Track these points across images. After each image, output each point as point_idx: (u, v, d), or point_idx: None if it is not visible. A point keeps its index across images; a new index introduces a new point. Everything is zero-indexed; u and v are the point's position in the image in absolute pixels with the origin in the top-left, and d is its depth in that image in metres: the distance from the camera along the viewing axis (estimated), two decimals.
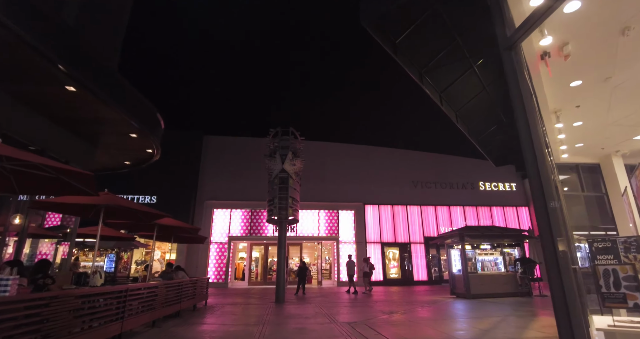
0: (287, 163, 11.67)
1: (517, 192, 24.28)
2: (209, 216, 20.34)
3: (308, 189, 21.10)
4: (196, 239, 11.32)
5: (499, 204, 23.59)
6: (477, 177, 24.04)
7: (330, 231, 21.07)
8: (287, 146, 12.30)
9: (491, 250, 12.75)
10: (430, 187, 23.19)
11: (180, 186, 20.32)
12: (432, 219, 22.43)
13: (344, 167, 22.60)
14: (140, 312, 6.01)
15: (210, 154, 21.86)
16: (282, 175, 11.75)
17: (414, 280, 20.95)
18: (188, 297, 8.88)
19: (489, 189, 23.96)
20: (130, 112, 8.06)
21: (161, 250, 20.81)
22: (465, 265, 12.01)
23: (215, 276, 19.64)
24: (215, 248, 20.03)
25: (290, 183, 11.66)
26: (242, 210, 20.79)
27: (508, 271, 12.42)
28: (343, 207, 21.54)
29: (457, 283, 12.72)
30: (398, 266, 21.23)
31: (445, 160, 24.31)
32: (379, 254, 21.08)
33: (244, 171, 21.25)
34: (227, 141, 22.35)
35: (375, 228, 21.59)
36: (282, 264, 11.74)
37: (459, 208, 23.00)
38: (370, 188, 22.31)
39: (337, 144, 23.37)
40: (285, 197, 11.57)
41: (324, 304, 10.86)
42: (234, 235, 20.32)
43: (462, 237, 12.20)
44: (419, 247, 21.65)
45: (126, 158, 11.52)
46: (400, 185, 22.80)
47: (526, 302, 10.61)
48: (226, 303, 11.49)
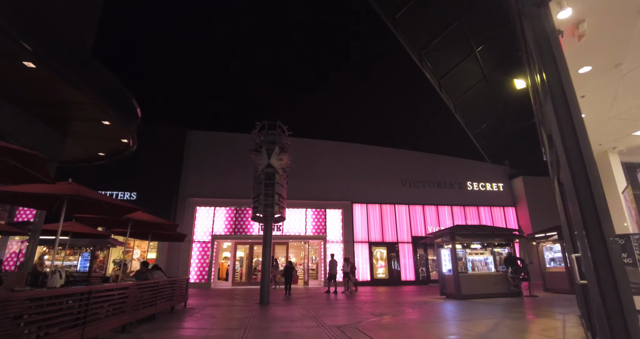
0: (273, 157, 11.11)
1: (505, 192, 24.31)
2: (192, 214, 19.57)
3: (295, 187, 20.54)
4: (175, 237, 10.65)
5: (486, 204, 23.55)
6: (465, 177, 23.96)
7: (318, 231, 20.58)
8: (274, 141, 11.74)
9: (481, 249, 12.49)
10: (419, 186, 22.97)
11: (161, 183, 19.49)
12: (420, 218, 22.21)
13: (332, 164, 22.15)
14: (107, 316, 5.38)
15: (193, 150, 21.07)
16: (268, 170, 11.19)
17: (402, 280, 20.66)
18: (165, 298, 8.25)
19: (477, 189, 23.91)
20: (102, 97, 7.37)
21: (141, 248, 19.92)
22: (456, 264, 11.69)
23: (198, 277, 18.90)
24: (198, 247, 19.28)
25: (276, 179, 11.10)
26: (227, 207, 20.10)
27: (498, 271, 12.17)
28: (331, 206, 21.09)
29: (447, 283, 12.41)
30: (385, 266, 20.91)
31: (434, 159, 24.15)
32: (366, 254, 20.72)
33: (228, 168, 20.57)
34: (212, 136, 21.61)
35: (363, 227, 21.21)
36: (267, 264, 11.18)
37: (446, 207, 22.84)
38: (359, 186, 21.93)
39: (325, 141, 22.91)
40: (271, 193, 11.01)
41: (311, 306, 10.36)
42: (217, 233, 19.62)
43: (453, 236, 11.89)
44: (406, 247, 21.38)
45: (100, 149, 10.75)
46: (389, 183, 22.49)
47: (518, 303, 10.35)
48: (207, 305, 10.86)
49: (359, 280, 20.01)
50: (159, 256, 18.59)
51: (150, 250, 19.80)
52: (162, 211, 18.96)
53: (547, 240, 13.62)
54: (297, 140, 22.02)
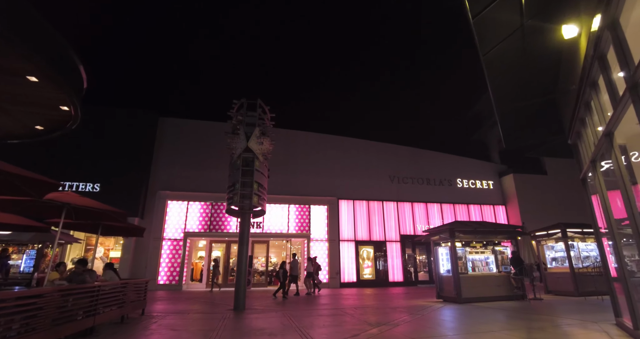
0: (252, 141, 9.61)
1: (495, 190, 23.54)
2: (163, 209, 17.76)
3: (277, 181, 19.01)
4: (132, 230, 8.98)
5: (476, 202, 22.71)
6: (455, 174, 23.06)
7: (301, 228, 19.15)
8: (253, 123, 10.23)
9: (482, 248, 11.37)
10: (407, 182, 21.88)
11: (129, 174, 17.60)
12: (409, 216, 21.10)
13: (316, 158, 20.77)
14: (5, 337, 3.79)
15: (166, 138, 19.25)
16: (246, 155, 9.67)
17: (389, 281, 19.48)
18: (113, 305, 6.64)
19: (467, 186, 23.04)
20: (21, 38, 5.70)
21: (104, 246, 17.96)
22: (456, 264, 10.51)
23: (168, 278, 17.11)
24: (169, 246, 17.50)
25: (256, 166, 9.61)
26: (201, 202, 18.38)
27: (500, 272, 11.07)
28: (315, 202, 19.70)
29: (445, 285, 11.21)
30: (372, 266, 19.69)
31: (423, 155, 23.13)
32: (352, 253, 19.42)
33: (204, 160, 18.86)
34: (186, 124, 19.84)
35: (350, 224, 19.92)
36: (244, 263, 9.66)
37: (436, 205, 21.85)
38: (345, 181, 20.63)
39: (309, 133, 21.50)
40: (249, 182, 9.50)
41: (293, 313, 8.93)
42: (190, 230, 17.88)
43: (453, 233, 10.70)
44: (394, 246, 20.23)
45: (36, 121, 8.91)
46: (377, 179, 21.30)
47: (526, 307, 9.24)
48: (172, 311, 9.25)
49: (345, 281, 18.74)
50: (124, 254, 16.72)
51: (115, 248, 17.92)
52: (129, 206, 17.11)
53: (549, 238, 12.66)
54: (279, 130, 20.43)
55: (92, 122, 18.06)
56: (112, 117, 18.49)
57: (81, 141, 17.48)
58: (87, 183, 17.11)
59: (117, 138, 18.03)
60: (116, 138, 18.03)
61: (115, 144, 17.88)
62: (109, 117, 18.44)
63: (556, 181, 23.37)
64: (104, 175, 17.31)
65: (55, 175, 17.32)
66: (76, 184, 17.00)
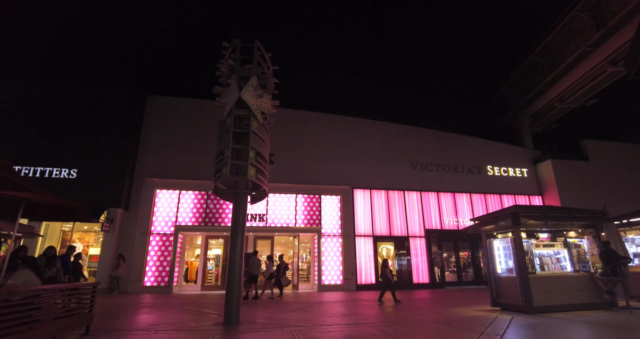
0: (248, 91, 7.00)
1: (529, 179, 20.72)
2: (150, 199, 15.28)
3: (282, 168, 16.56)
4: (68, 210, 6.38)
5: (509, 192, 19.89)
6: (485, 160, 20.28)
7: (311, 222, 16.55)
8: (248, 77, 7.64)
9: (550, 240, 8.66)
10: (432, 170, 19.15)
11: (112, 159, 15.17)
12: (435, 207, 18.38)
13: (328, 142, 18.15)
14: None
15: (155, 119, 16.77)
16: (239, 112, 7.08)
17: (413, 283, 16.78)
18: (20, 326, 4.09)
19: (498, 174, 20.24)
20: None
21: (83, 242, 15.52)
22: (523, 261, 7.81)
23: (156, 278, 14.63)
24: (158, 241, 15.01)
25: (253, 127, 7.01)
26: (195, 192, 15.87)
27: (579, 271, 8.34)
28: (327, 191, 17.08)
29: (503, 289, 8.52)
30: (393, 265, 16.99)
31: (448, 139, 20.37)
32: (370, 250, 16.77)
33: (199, 143, 16.34)
34: (179, 103, 17.34)
35: (366, 217, 17.26)
36: (238, 261, 7.08)
37: (464, 195, 19.09)
38: (361, 168, 17.98)
39: (320, 114, 18.88)
40: (244, 149, 6.92)
41: (304, 327, 6.34)
42: (183, 223, 15.38)
43: (517, 219, 8.00)
44: (419, 242, 17.53)
45: None
46: (397, 166, 18.62)
47: (632, 322, 6.53)
48: (136, 328, 6.72)
49: (362, 283, 16.11)
50: (103, 251, 14.28)
51: (96, 244, 15.47)
52: (111, 195, 14.72)
53: (630, 229, 9.89)
54: (285, 111, 17.92)
55: (70, 100, 15.73)
56: (94, 95, 16.07)
57: (56, 120, 15.11)
58: (61, 168, 14.68)
59: (99, 118, 15.62)
60: (98, 118, 15.61)
61: (96, 124, 15.46)
62: (91, 95, 16.03)
63: (600, 167, 20.51)
64: (82, 160, 14.88)
65: (23, 159, 15.03)
66: (48, 169, 14.58)
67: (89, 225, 15.19)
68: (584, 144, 21.17)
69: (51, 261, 7.43)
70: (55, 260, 7.58)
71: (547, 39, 21.11)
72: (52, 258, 7.55)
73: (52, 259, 7.52)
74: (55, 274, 7.41)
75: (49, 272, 7.20)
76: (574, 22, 19.50)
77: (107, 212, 14.37)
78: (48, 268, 7.24)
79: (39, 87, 15.85)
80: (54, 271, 7.39)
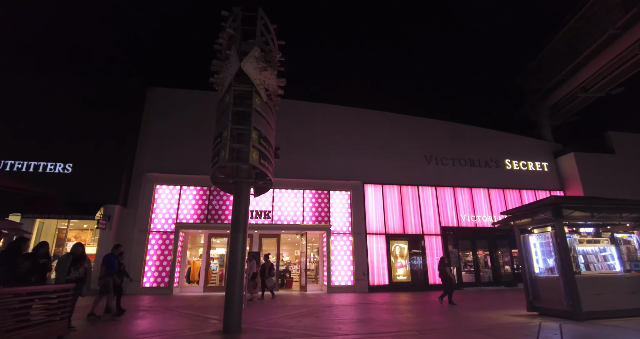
0: (249, 63, 6.05)
1: (550, 173, 19.52)
2: (150, 195, 14.45)
3: (289, 162, 15.55)
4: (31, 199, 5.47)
5: (528, 187, 18.73)
6: (503, 153, 19.13)
7: (319, 219, 15.58)
8: (247, 51, 6.68)
9: (594, 236, 7.58)
10: (447, 164, 18.07)
11: (109, 152, 14.36)
12: (451, 203, 17.30)
13: (337, 135, 17.17)
14: None
15: (155, 111, 15.95)
16: (240, 87, 6.14)
17: (429, 284, 15.73)
18: None
19: (517, 168, 19.08)
20: None
21: (80, 240, 14.70)
22: (568, 259, 6.76)
23: (156, 279, 13.79)
24: (157, 240, 14.16)
25: (255, 104, 6.06)
26: (197, 187, 15.01)
27: (630, 271, 7.26)
28: (336, 187, 16.10)
29: (542, 291, 7.48)
30: (407, 265, 15.97)
31: (464, 131, 19.26)
32: (383, 249, 15.75)
33: (201, 136, 15.40)
34: (180, 95, 16.49)
35: (378, 214, 16.25)
36: (239, 260, 6.13)
37: (482, 190, 17.98)
38: (372, 162, 16.97)
39: (328, 106, 17.92)
40: (245, 130, 5.99)
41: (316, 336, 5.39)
42: (184, 221, 14.51)
43: (559, 211, 6.94)
44: (434, 240, 16.47)
45: None
46: (410, 160, 17.57)
47: None
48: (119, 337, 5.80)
49: (374, 284, 15.10)
50: (100, 250, 13.42)
51: (92, 242, 14.66)
52: (109, 191, 13.92)
53: None
54: (292, 103, 17.00)
55: (65, 91, 14.95)
56: (91, 86, 15.28)
57: (50, 113, 14.35)
58: (56, 162, 13.90)
59: (96, 110, 14.80)
60: (95, 110, 14.79)
61: (93, 117, 14.64)
62: (87, 86, 15.24)
63: (627, 160, 19.25)
64: (77, 154, 14.08)
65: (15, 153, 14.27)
66: (42, 164, 13.80)
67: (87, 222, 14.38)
68: (609, 136, 19.91)
69: (78, 260, 6.72)
70: (84, 259, 6.88)
71: (568, 25, 19.91)
72: (80, 256, 6.83)
73: (80, 258, 6.80)
74: (83, 275, 6.69)
75: (75, 272, 6.54)
76: (598, 5, 18.29)
77: (103, 209, 13.56)
78: (74, 268, 6.56)
79: (31, 78, 15.09)
80: (81, 271, 6.66)
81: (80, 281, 6.52)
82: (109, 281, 8.14)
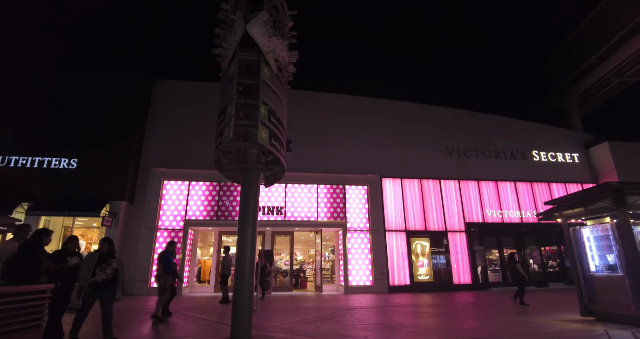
0: (257, 27, 5.20)
1: (580, 164, 18.18)
2: (157, 191, 13.79)
3: (301, 155, 14.80)
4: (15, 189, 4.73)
5: (558, 179, 17.44)
6: (530, 145, 17.89)
7: (334, 215, 14.68)
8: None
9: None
10: (470, 156, 16.93)
11: (115, 147, 13.78)
12: (475, 198, 16.17)
13: (352, 126, 16.25)
14: None
15: (162, 104, 15.32)
16: (246, 56, 5.30)
17: (454, 284, 14.66)
18: None
19: (545, 160, 17.81)
20: None
21: (86, 239, 14.20)
22: (636, 255, 5.69)
23: None
24: (166, 237, 13.48)
25: (264, 75, 5.21)
26: (206, 183, 14.30)
27: None
28: (352, 181, 15.17)
29: (600, 293, 6.42)
30: (429, 264, 14.93)
31: (487, 121, 18.10)
32: (403, 247, 14.75)
33: (209, 129, 14.59)
34: (187, 87, 15.83)
35: (397, 210, 15.25)
36: (248, 257, 5.29)
37: (508, 183, 16.78)
38: (390, 155, 15.99)
39: (342, 96, 17.01)
40: (252, 105, 5.15)
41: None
42: (193, 218, 13.81)
43: (622, 197, 5.88)
44: (458, 237, 15.38)
45: None
46: (431, 152, 16.52)
47: None
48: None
49: (394, 284, 14.13)
50: None
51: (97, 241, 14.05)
52: (115, 186, 13.32)
53: None
54: (304, 93, 16.21)
55: (70, 85, 14.44)
56: (96, 80, 14.74)
57: (54, 107, 13.86)
58: (61, 158, 13.36)
59: (101, 104, 14.25)
60: (100, 104, 14.25)
61: (98, 111, 14.10)
62: (92, 80, 14.70)
63: None
64: (82, 149, 13.54)
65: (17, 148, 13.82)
66: (47, 159, 13.28)
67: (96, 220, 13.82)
68: None
69: (105, 259, 5.45)
70: (112, 258, 5.56)
71: (598, 6, 18.49)
72: (107, 254, 5.53)
73: (107, 256, 5.51)
74: (110, 276, 5.40)
75: (101, 274, 5.31)
76: None
77: (109, 205, 12.96)
78: (100, 269, 5.32)
79: (34, 71, 14.61)
80: (108, 272, 5.38)
81: (108, 284, 5.35)
82: (168, 281, 7.50)
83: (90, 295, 5.22)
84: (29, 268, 4.74)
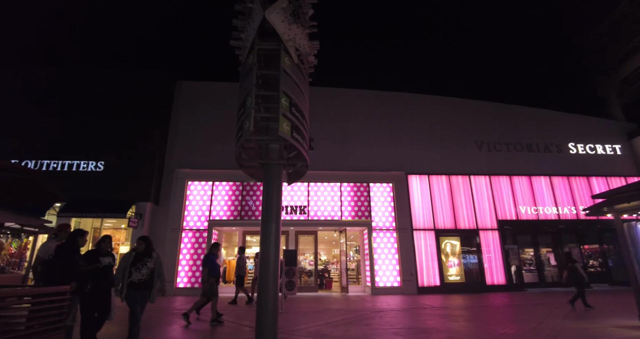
0: (275, 13, 4.92)
1: (623, 157, 16.93)
2: (182, 192, 13.85)
3: (324, 153, 14.50)
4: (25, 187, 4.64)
5: (598, 173, 16.27)
6: (565, 136, 16.82)
7: (359, 214, 14.27)
8: None
9: None
10: (501, 150, 16.09)
11: (139, 149, 13.95)
12: (507, 194, 15.32)
13: (376, 122, 15.80)
14: None
15: (184, 106, 15.42)
16: (265, 45, 5.04)
17: (487, 285, 13.93)
18: None
19: (583, 153, 16.68)
20: None
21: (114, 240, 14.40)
22: None
23: (189, 279, 13.16)
24: (190, 238, 13.53)
25: (285, 65, 4.93)
26: (230, 183, 14.24)
27: None
28: (376, 178, 14.72)
29: None
30: (460, 264, 14.26)
31: (517, 112, 17.15)
32: (432, 247, 14.16)
33: (231, 130, 14.59)
34: (210, 88, 15.86)
35: (425, 208, 14.66)
36: (272, 256, 5.02)
37: (543, 178, 15.81)
38: (415, 151, 15.43)
39: (365, 91, 16.57)
40: (273, 97, 4.88)
41: None
42: (217, 218, 13.78)
43: None
44: (490, 235, 14.62)
45: None
46: (459, 146, 15.82)
47: None
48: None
49: (423, 285, 13.57)
50: None
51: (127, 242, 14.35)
52: (140, 187, 13.47)
53: None
54: (324, 90, 15.90)
55: (96, 88, 14.76)
56: (120, 82, 14.99)
57: (81, 111, 14.20)
58: (89, 161, 13.66)
59: (126, 106, 14.47)
60: (125, 106, 14.48)
61: (123, 114, 14.33)
62: (116, 82, 14.96)
63: None
64: (109, 151, 13.78)
65: (48, 152, 14.24)
66: (76, 163, 13.60)
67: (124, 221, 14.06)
68: None
69: (141, 259, 5.10)
70: (149, 258, 5.17)
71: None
72: (144, 254, 5.17)
73: (143, 255, 5.15)
74: (147, 277, 5.05)
75: (137, 274, 4.99)
76: None
77: (135, 207, 13.12)
78: (135, 269, 5.01)
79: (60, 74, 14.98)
80: (144, 273, 5.03)
81: (145, 285, 5.03)
82: (214, 283, 7.42)
83: (131, 298, 4.95)
84: (65, 270, 4.62)
